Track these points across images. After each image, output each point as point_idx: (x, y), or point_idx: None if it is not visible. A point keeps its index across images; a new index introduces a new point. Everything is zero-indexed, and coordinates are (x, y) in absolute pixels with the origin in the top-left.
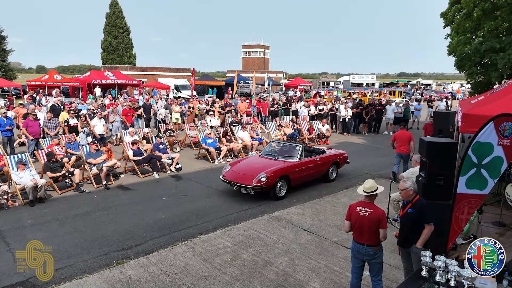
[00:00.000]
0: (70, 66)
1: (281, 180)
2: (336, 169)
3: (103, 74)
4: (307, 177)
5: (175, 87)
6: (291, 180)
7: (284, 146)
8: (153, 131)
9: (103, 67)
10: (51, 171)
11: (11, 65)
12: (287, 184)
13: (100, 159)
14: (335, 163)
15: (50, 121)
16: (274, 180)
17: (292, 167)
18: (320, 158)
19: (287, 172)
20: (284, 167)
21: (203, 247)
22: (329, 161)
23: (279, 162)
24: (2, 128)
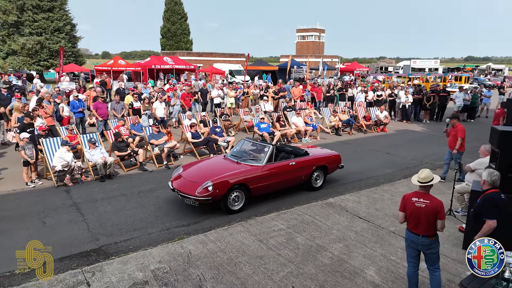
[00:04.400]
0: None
1: (237, 189)
2: (323, 175)
3: (162, 59)
4: (277, 186)
5: (229, 72)
6: (251, 189)
7: (253, 145)
8: (209, 115)
9: (162, 53)
10: (118, 150)
11: (81, 51)
12: (246, 195)
13: (161, 140)
14: (322, 167)
15: (117, 103)
16: (224, 190)
17: (254, 173)
18: (297, 162)
19: (245, 180)
20: (241, 173)
21: (257, 228)
22: (310, 166)
23: (240, 167)
24: (75, 110)
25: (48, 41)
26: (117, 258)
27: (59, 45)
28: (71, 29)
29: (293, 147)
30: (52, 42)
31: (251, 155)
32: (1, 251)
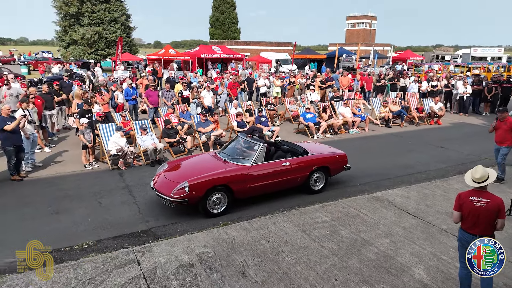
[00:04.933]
0: (182, 41)
1: (218, 191)
2: (324, 177)
3: (210, 48)
4: (266, 188)
5: (276, 61)
6: (234, 192)
7: (245, 142)
8: (255, 105)
9: (210, 42)
10: (167, 136)
11: (134, 41)
12: (229, 197)
13: (209, 128)
14: (323, 168)
15: (167, 92)
16: (202, 192)
17: (238, 174)
18: (292, 162)
19: (227, 181)
20: (223, 173)
21: (301, 219)
22: (308, 167)
23: (225, 166)
24: (129, 97)
25: (105, 31)
26: (165, 240)
27: (115, 35)
28: (126, 20)
29: (293, 145)
30: (109, 32)
31: (240, 153)
32: (63, 228)
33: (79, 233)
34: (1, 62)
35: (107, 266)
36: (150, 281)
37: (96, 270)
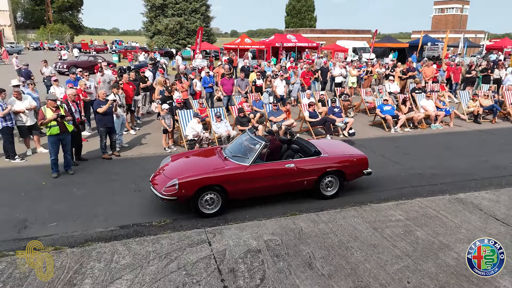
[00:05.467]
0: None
1: (211, 191)
2: (338, 182)
3: (285, 37)
4: (266, 190)
5: (353, 49)
6: (229, 192)
7: (248, 139)
8: (328, 95)
9: (285, 31)
10: (240, 124)
11: (212, 30)
12: (223, 197)
13: (280, 118)
14: (337, 172)
15: (242, 80)
16: (192, 191)
17: (234, 173)
18: (298, 164)
19: (220, 181)
20: (218, 172)
21: (373, 216)
22: (317, 170)
23: (223, 164)
24: (206, 85)
25: (186, 21)
26: (234, 224)
27: (195, 25)
28: (206, 10)
29: (306, 144)
30: (189, 22)
31: (242, 151)
32: (144, 204)
33: (158, 211)
34: (95, 51)
35: (181, 243)
36: (220, 262)
37: (172, 246)
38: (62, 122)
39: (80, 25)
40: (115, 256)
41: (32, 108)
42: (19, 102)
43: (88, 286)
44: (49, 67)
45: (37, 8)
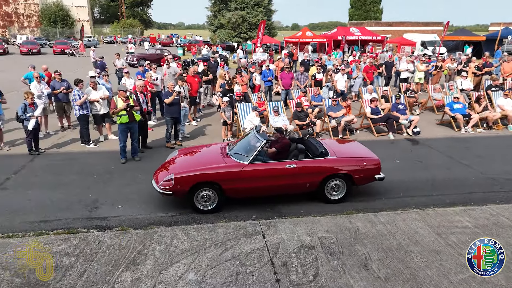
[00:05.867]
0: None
1: (207, 188)
2: (345, 186)
3: (348, 30)
4: (265, 190)
5: (421, 43)
6: (225, 190)
7: (252, 137)
8: (393, 90)
9: (349, 23)
10: (298, 119)
11: (274, 23)
12: (220, 195)
13: (339, 113)
14: (344, 176)
15: (301, 74)
16: (188, 187)
17: (231, 171)
18: (300, 164)
19: (215, 178)
20: (214, 169)
21: (436, 220)
22: (321, 172)
23: (223, 161)
24: (265, 79)
25: (248, 15)
26: (289, 218)
27: (257, 19)
28: (268, 3)
29: (316, 143)
30: (252, 15)
31: (244, 149)
32: None
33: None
34: (162, 44)
35: (236, 233)
36: (273, 254)
37: (227, 235)
38: (131, 112)
39: (149, 20)
40: (174, 241)
41: (106, 98)
42: (95, 92)
43: (150, 266)
44: (121, 59)
45: (112, 4)
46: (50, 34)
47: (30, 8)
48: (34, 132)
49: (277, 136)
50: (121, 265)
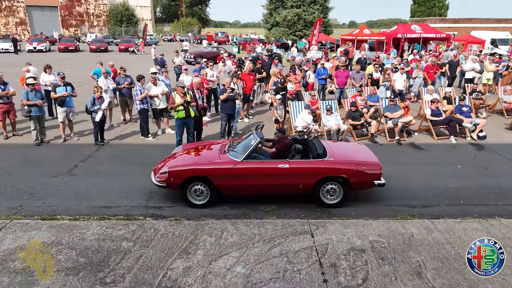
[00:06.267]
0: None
1: (200, 182)
2: (342, 190)
3: (409, 27)
4: (256, 189)
5: (491, 41)
6: (217, 186)
7: (249, 135)
8: (457, 92)
9: (410, 20)
10: (352, 119)
11: (330, 21)
12: (212, 190)
13: (397, 114)
14: (340, 179)
15: (357, 73)
16: (180, 180)
17: (222, 168)
18: (293, 165)
19: (206, 174)
20: (205, 165)
21: (501, 232)
22: (315, 174)
23: (217, 158)
24: (319, 77)
25: (304, 12)
26: (339, 219)
27: (313, 16)
28: (325, 1)
29: (318, 144)
30: (307, 13)
31: (241, 146)
32: None
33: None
34: (218, 42)
35: (284, 231)
36: (321, 255)
37: (275, 232)
38: (187, 107)
39: (207, 18)
40: (224, 234)
41: (165, 93)
42: (155, 87)
43: (200, 256)
44: (180, 57)
45: (172, 3)
46: (116, 33)
47: (100, 8)
48: (101, 123)
49: (278, 136)
50: (174, 253)
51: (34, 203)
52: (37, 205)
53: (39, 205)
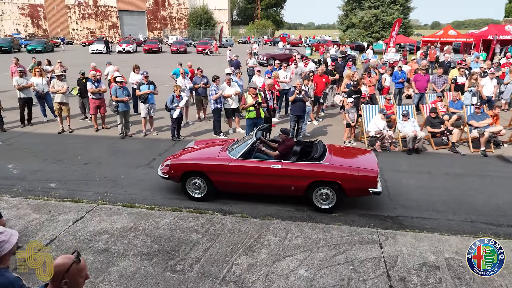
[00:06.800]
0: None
1: (197, 177)
2: (335, 195)
3: (503, 28)
4: (249, 187)
5: None
6: (213, 181)
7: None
8: None
9: (504, 21)
10: (431, 126)
11: (410, 22)
12: (210, 185)
13: (483, 123)
14: (333, 185)
15: (439, 77)
16: (179, 173)
17: (218, 164)
18: (286, 166)
19: (203, 169)
20: (203, 160)
21: None
22: (306, 177)
23: (216, 155)
24: (396, 80)
25: (382, 13)
26: (411, 232)
27: (392, 17)
28: (406, 0)
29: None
30: (386, 14)
31: (240, 145)
32: None
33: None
34: (291, 44)
35: (351, 238)
36: (390, 267)
37: (341, 239)
38: (258, 108)
39: (281, 20)
40: (288, 235)
41: (237, 94)
42: (229, 88)
43: (264, 255)
44: (253, 58)
45: (249, 6)
46: (195, 35)
47: (181, 12)
48: (178, 120)
49: (282, 137)
50: (239, 249)
51: (117, 190)
52: (120, 193)
53: (121, 192)
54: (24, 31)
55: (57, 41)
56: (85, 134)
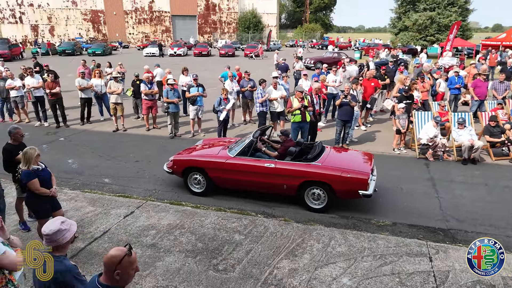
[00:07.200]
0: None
1: (198, 172)
2: (326, 196)
3: None
4: (244, 184)
5: None
6: (212, 178)
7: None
8: None
9: None
10: (490, 135)
11: (470, 24)
12: (209, 181)
13: None
14: (324, 186)
15: (501, 83)
16: (181, 169)
17: (216, 161)
18: (279, 165)
19: (202, 165)
20: (202, 157)
21: None
22: (297, 176)
23: (216, 153)
24: (451, 86)
25: (438, 15)
26: (464, 247)
27: (449, 20)
28: (465, 2)
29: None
30: (443, 16)
31: (239, 143)
32: (367, 201)
33: (379, 210)
34: (339, 47)
35: (398, 249)
36: (440, 282)
37: (388, 249)
38: (304, 112)
39: (330, 24)
40: (332, 242)
41: (283, 97)
42: (275, 91)
43: (306, 260)
44: (300, 62)
45: (297, 9)
46: (243, 39)
47: (231, 16)
48: (224, 122)
49: (282, 138)
50: (281, 252)
51: (165, 188)
52: (167, 191)
53: (169, 190)
54: (86, 35)
55: (115, 44)
56: (137, 133)
